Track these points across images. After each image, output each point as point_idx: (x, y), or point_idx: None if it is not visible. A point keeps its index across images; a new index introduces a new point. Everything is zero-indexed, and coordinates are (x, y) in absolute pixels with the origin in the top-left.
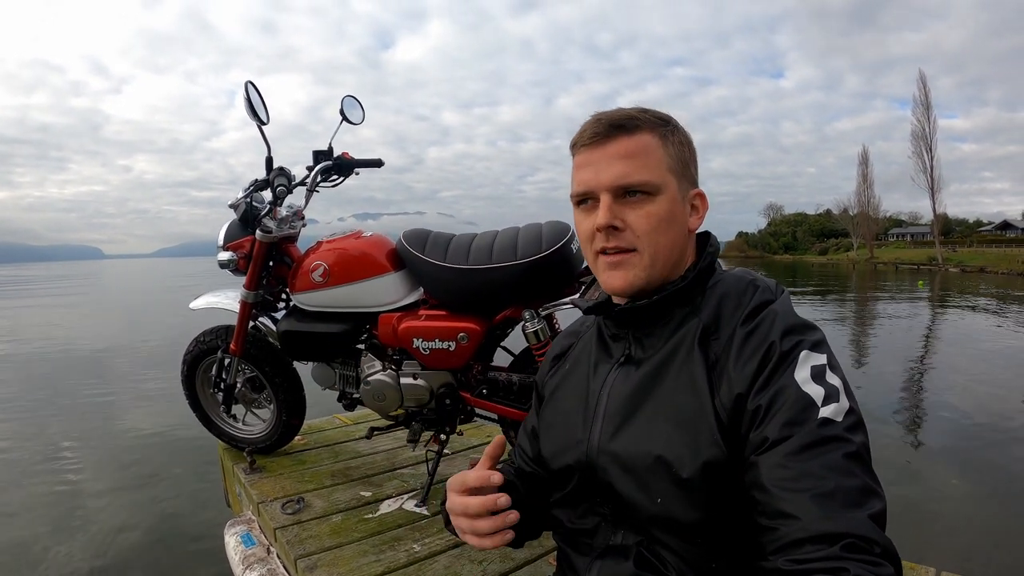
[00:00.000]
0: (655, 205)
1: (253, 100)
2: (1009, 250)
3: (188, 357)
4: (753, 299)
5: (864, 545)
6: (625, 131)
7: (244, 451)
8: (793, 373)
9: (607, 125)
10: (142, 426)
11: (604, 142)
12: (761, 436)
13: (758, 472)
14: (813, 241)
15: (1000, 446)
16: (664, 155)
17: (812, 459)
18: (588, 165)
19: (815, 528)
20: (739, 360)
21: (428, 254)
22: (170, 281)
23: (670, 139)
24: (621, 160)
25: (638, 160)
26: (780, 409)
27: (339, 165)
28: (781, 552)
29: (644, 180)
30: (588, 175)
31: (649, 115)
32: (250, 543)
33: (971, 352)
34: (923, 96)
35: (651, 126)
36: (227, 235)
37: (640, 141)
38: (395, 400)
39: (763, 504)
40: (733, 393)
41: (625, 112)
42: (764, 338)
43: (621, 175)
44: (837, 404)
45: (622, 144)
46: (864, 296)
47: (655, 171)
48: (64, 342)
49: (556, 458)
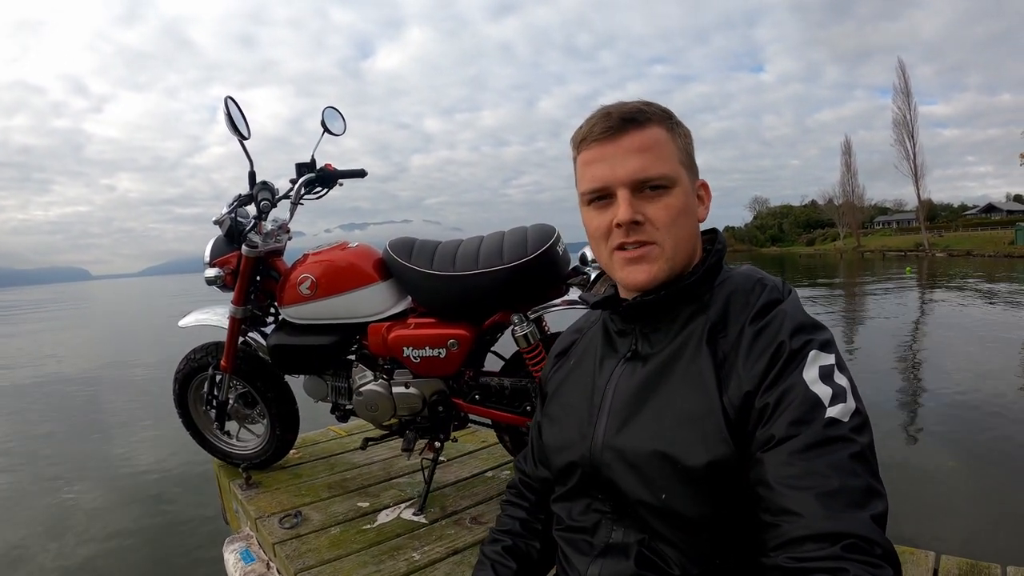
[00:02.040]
0: (672, 198)
1: (234, 115)
2: (995, 232)
3: (179, 375)
4: (762, 297)
5: (865, 546)
6: (637, 124)
7: (239, 467)
8: (802, 372)
9: (619, 119)
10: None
11: (617, 136)
12: (768, 434)
13: (763, 469)
14: (800, 232)
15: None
16: (674, 147)
17: (817, 458)
18: (601, 160)
19: (817, 526)
20: (748, 358)
21: (414, 262)
22: (164, 301)
23: (676, 131)
24: (637, 154)
25: (653, 153)
26: (788, 408)
27: (322, 177)
28: (782, 548)
29: (662, 173)
30: (603, 171)
31: (655, 108)
32: (249, 559)
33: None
34: (903, 84)
35: (659, 119)
36: (213, 251)
37: (652, 134)
38: (388, 410)
39: (766, 500)
40: (742, 391)
41: (634, 105)
42: (774, 337)
43: (639, 169)
44: (844, 405)
45: (636, 138)
46: (853, 283)
47: (669, 163)
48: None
49: (560, 453)
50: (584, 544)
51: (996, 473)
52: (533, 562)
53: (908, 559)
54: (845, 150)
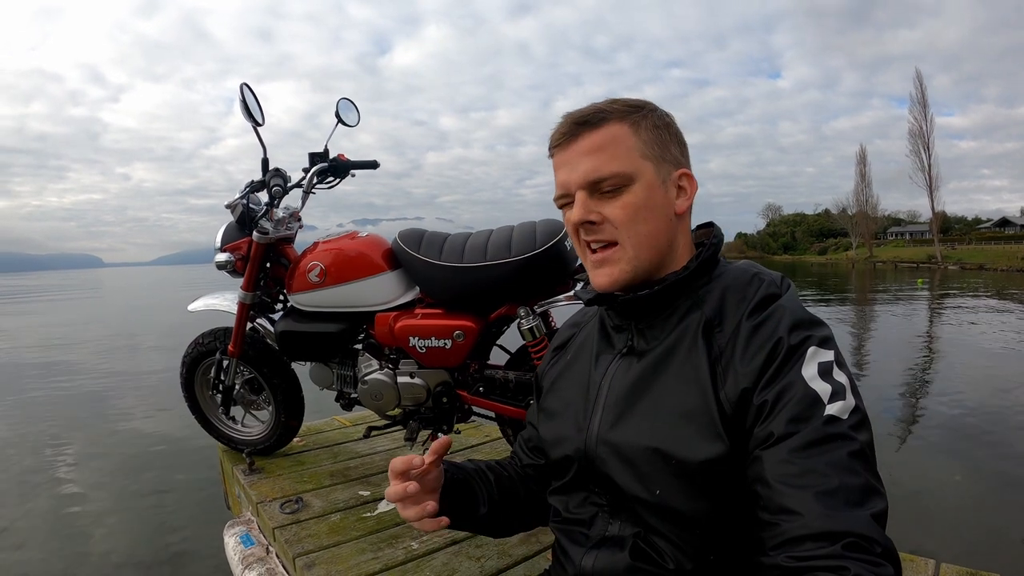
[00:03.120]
0: (630, 195)
1: (249, 102)
2: (1008, 247)
3: (187, 359)
4: (759, 292)
5: (865, 545)
6: (590, 126)
7: (243, 453)
8: (801, 369)
9: (572, 124)
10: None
11: (572, 141)
12: (766, 431)
13: (762, 467)
14: (812, 241)
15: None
16: (636, 142)
17: (817, 456)
18: (563, 166)
19: (817, 525)
20: (746, 353)
21: (423, 253)
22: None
23: (642, 124)
24: (588, 155)
25: (606, 152)
26: (787, 405)
27: (335, 167)
28: (782, 548)
29: (613, 171)
30: (563, 175)
31: (618, 105)
32: (249, 543)
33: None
34: (920, 94)
35: (619, 116)
36: (224, 237)
37: (607, 133)
38: (392, 399)
39: (765, 499)
40: (739, 387)
41: (592, 107)
42: (772, 332)
43: (591, 170)
44: (843, 402)
45: (588, 139)
46: (864, 297)
47: (624, 160)
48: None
49: (556, 447)
50: (580, 536)
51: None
52: (515, 498)
53: (908, 566)
54: (860, 159)
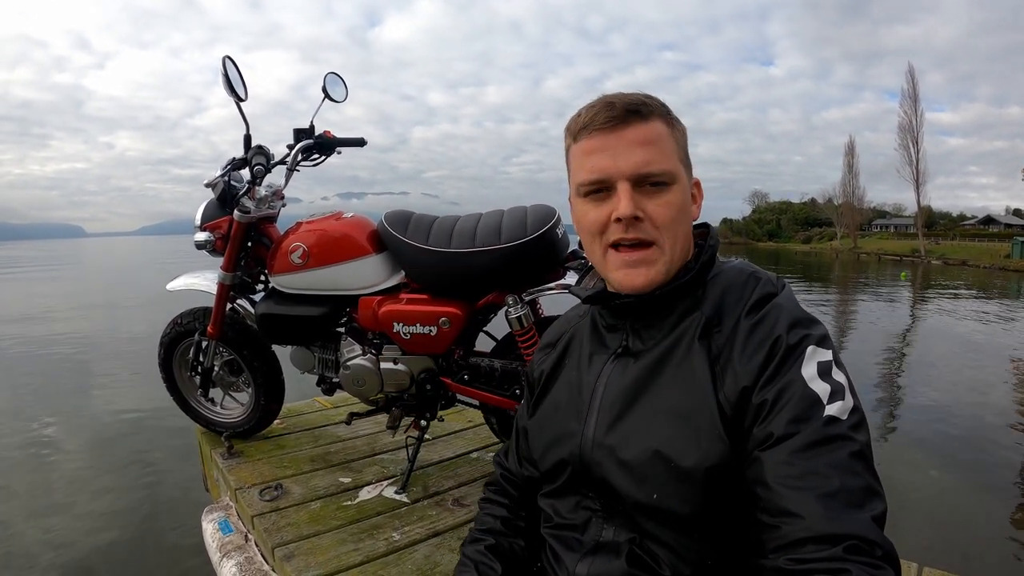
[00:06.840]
0: (672, 195)
1: (231, 75)
2: (991, 244)
3: (165, 340)
4: (756, 291)
5: (866, 547)
6: (640, 117)
7: (222, 435)
8: (800, 368)
9: (623, 109)
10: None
11: (620, 127)
12: (766, 432)
13: (762, 468)
14: (797, 229)
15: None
16: (674, 144)
17: (817, 457)
18: (603, 151)
19: (818, 528)
20: (744, 352)
21: (410, 236)
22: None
23: (676, 128)
24: (640, 147)
25: (656, 148)
26: (786, 405)
27: (320, 144)
28: (783, 550)
29: (664, 169)
30: (604, 161)
31: (656, 102)
32: (227, 530)
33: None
34: (912, 89)
35: (660, 113)
36: (204, 215)
37: (655, 128)
38: (375, 385)
39: (765, 501)
40: (739, 386)
41: (637, 97)
42: (770, 331)
43: (643, 163)
44: (843, 402)
45: (639, 130)
46: (846, 285)
47: (670, 160)
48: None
49: (548, 451)
50: (574, 541)
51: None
52: (518, 560)
53: None
54: (848, 150)
